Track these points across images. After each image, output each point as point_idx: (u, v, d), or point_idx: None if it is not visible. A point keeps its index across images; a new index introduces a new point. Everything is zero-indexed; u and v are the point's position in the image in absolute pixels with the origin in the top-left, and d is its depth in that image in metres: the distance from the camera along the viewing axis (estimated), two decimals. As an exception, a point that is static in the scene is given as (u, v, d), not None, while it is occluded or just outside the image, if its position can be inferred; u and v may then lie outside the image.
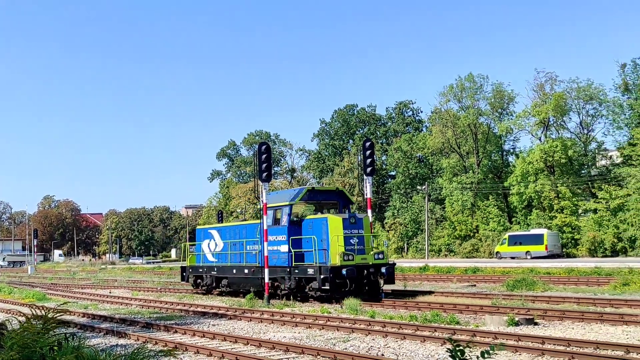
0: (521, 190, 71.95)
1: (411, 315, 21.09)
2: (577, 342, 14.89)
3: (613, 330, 17.26)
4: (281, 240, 27.66)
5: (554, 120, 74.69)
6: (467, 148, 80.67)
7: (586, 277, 35.70)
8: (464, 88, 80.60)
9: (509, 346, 14.64)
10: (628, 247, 64.60)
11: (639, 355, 13.29)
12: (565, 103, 72.94)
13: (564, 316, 19.81)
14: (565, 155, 70.29)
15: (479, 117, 79.65)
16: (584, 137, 75.52)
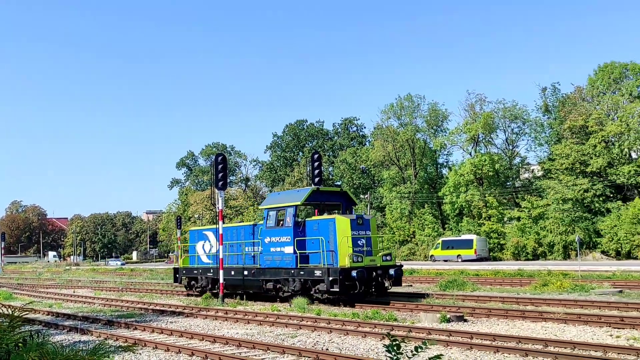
0: (453, 199, 72.96)
1: (353, 313, 21.15)
2: (501, 337, 15.14)
3: (534, 326, 17.59)
4: (285, 242, 25.12)
5: (483, 137, 76.01)
6: (405, 161, 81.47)
7: (510, 279, 36.35)
8: (403, 107, 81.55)
9: (441, 341, 14.82)
10: (547, 251, 66.01)
11: (555, 348, 13.57)
12: (492, 122, 74.32)
13: (491, 313, 20.09)
14: (492, 168, 71.63)
15: (416, 133, 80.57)
16: (509, 152, 77.06)
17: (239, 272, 27.78)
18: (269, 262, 25.74)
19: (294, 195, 26.60)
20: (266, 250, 26.01)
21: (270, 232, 25.77)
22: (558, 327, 17.14)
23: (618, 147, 63.95)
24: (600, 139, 63.66)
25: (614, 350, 12.97)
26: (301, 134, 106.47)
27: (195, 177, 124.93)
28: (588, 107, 66.97)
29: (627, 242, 58.68)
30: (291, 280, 24.74)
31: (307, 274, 24.17)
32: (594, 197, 63.63)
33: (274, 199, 27.57)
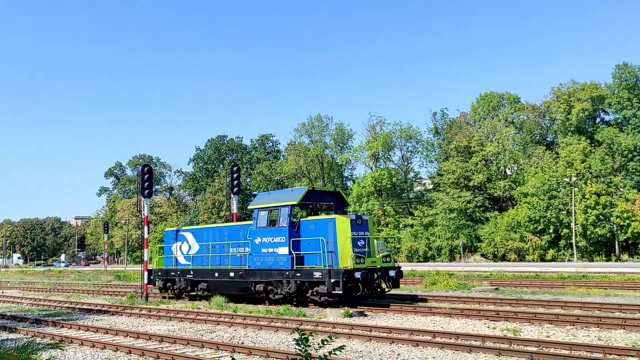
0: (356, 208, 73.94)
1: (267, 310, 21.01)
2: (396, 329, 15.41)
3: (424, 319, 17.98)
4: (278, 242, 21.84)
5: (383, 154, 77.56)
6: (315, 174, 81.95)
7: (404, 279, 37.00)
8: (314, 126, 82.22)
9: (344, 334, 14.92)
10: (436, 254, 67.93)
11: (442, 338, 13.94)
12: (391, 141, 76.06)
13: (387, 309, 20.41)
14: (390, 181, 73.14)
15: (324, 149, 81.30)
16: (405, 168, 79.01)
17: (224, 274, 24.28)
18: (260, 264, 22.54)
19: (288, 195, 23.07)
20: (256, 251, 22.71)
21: (262, 232, 22.57)
22: (444, 320, 17.59)
23: (495, 165, 66.80)
24: (481, 157, 66.27)
25: (490, 340, 13.45)
26: (222, 148, 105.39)
27: (123, 186, 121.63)
28: (471, 130, 69.60)
29: (502, 247, 61.24)
30: (285, 282, 21.66)
31: (304, 275, 21.14)
32: (475, 207, 66.10)
33: (264, 198, 23.99)
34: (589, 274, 35.95)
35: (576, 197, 55.72)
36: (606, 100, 63.20)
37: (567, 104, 63.78)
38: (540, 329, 15.40)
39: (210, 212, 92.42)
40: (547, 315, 16.97)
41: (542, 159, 63.08)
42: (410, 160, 79.45)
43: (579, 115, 62.89)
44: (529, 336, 14.25)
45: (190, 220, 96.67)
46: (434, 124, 76.29)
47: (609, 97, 62.67)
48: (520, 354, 11.70)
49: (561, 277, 33.75)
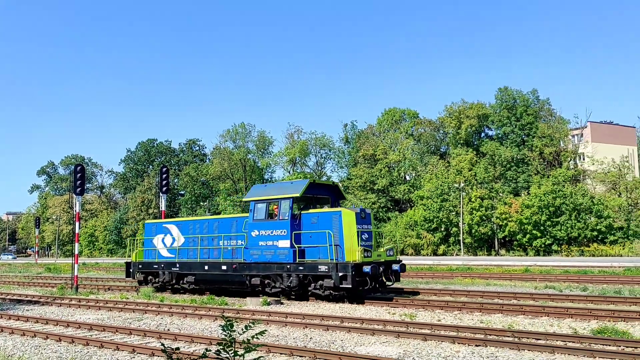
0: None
1: (191, 299, 20.60)
2: (309, 315, 15.49)
3: (334, 307, 18.16)
4: (279, 235, 19.58)
5: (299, 159, 77.88)
6: (238, 175, 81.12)
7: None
8: (238, 132, 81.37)
9: (263, 320, 14.86)
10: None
11: (349, 323, 14.14)
12: (307, 148, 76.51)
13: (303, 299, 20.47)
14: (306, 184, 73.52)
15: (247, 154, 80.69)
16: (319, 172, 79.60)
17: (215, 267, 21.65)
18: (257, 257, 20.19)
19: (288, 187, 20.50)
20: (253, 244, 20.30)
21: (259, 225, 20.14)
22: (351, 307, 17.87)
23: (397, 172, 68.57)
24: (385, 164, 67.84)
25: (390, 324, 13.79)
26: (152, 150, 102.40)
27: (55, 184, 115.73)
28: (376, 140, 71.14)
29: (401, 242, 62.88)
30: (286, 275, 19.48)
31: (307, 269, 18.94)
32: (379, 208, 67.52)
33: (261, 191, 21.25)
34: (473, 267, 37.42)
35: (464, 200, 58.10)
36: (489, 118, 66.27)
37: (458, 120, 66.41)
38: (433, 314, 15.94)
39: (139, 210, 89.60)
40: (438, 302, 17.57)
41: (436, 167, 65.33)
42: (324, 166, 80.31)
43: (467, 130, 65.66)
44: (423, 320, 14.73)
45: (120, 217, 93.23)
46: (345, 134, 77.55)
47: (492, 115, 65.76)
48: (416, 336, 12.07)
49: (450, 270, 34.82)
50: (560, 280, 24.81)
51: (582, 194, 51.29)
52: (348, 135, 77.17)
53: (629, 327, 12.82)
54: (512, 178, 61.65)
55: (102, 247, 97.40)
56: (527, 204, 52.83)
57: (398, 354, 10.62)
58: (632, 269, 29.79)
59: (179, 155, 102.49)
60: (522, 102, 63.60)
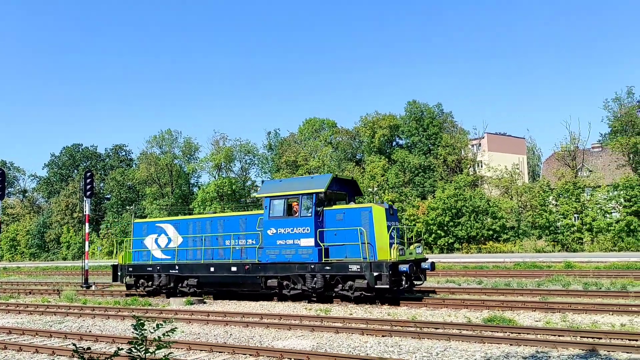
0: (201, 211, 72.44)
1: (115, 301, 19.85)
2: (231, 313, 15.38)
3: (254, 304, 18.12)
4: (300, 233, 17.29)
5: (225, 165, 76.89)
6: (165, 180, 78.85)
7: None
8: (164, 138, 79.26)
9: (185, 319, 14.57)
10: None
11: (268, 320, 14.16)
12: (232, 154, 75.73)
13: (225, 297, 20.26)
14: (230, 189, 72.71)
15: (174, 159, 78.73)
16: (243, 177, 78.97)
17: (222, 268, 19.15)
18: (275, 257, 17.86)
19: (310, 182, 18.13)
20: (270, 243, 17.93)
21: (277, 222, 17.83)
22: (271, 305, 17.89)
23: (316, 177, 69.27)
24: (305, 170, 68.32)
25: (307, 319, 13.95)
26: (77, 155, 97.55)
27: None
28: (298, 148, 71.57)
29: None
30: (309, 276, 17.25)
31: (335, 269, 16.77)
32: (300, 211, 67.76)
33: (276, 186, 18.84)
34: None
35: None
36: (400, 129, 68.42)
37: (372, 130, 68.05)
38: (346, 309, 16.26)
39: (63, 214, 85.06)
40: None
41: (352, 173, 66.61)
42: (248, 171, 79.78)
43: (380, 139, 67.42)
44: (337, 314, 15.00)
45: (43, 221, 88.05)
46: (269, 141, 77.49)
47: (402, 126, 67.93)
48: (329, 329, 12.30)
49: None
50: (460, 275, 25.98)
51: (480, 198, 53.95)
52: (271, 142, 77.20)
53: (514, 316, 13.67)
54: (420, 183, 63.93)
55: (24, 251, 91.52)
56: (433, 207, 54.89)
57: (312, 346, 10.77)
58: (521, 263, 31.72)
59: (105, 160, 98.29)
60: (429, 114, 66.16)
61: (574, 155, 54.67)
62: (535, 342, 10.10)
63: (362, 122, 70.69)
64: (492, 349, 9.91)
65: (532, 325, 12.08)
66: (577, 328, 11.47)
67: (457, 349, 10.04)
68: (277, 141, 76.38)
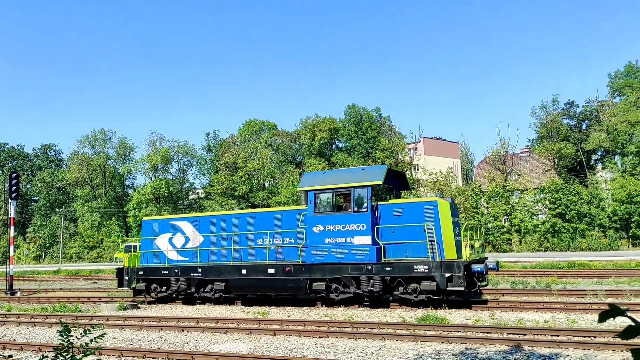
0: (136, 213, 70.50)
1: (42, 308, 18.94)
2: (166, 318, 15.07)
3: (190, 308, 17.77)
4: (354, 231, 15.50)
5: (162, 166, 75.09)
6: (97, 182, 76.01)
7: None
8: (97, 138, 76.45)
9: (117, 325, 14.13)
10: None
11: (205, 324, 13.95)
12: (169, 155, 74.11)
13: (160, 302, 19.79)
14: (168, 190, 71.11)
15: (107, 160, 76.04)
16: (181, 178, 77.36)
17: (257, 271, 17.09)
18: (323, 257, 15.99)
19: (363, 174, 16.18)
20: (316, 241, 16.07)
21: (325, 219, 15.94)
22: (208, 308, 17.65)
23: (256, 179, 68.91)
24: (245, 172, 67.83)
25: (244, 322, 13.86)
26: (1, 154, 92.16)
27: None
28: (237, 149, 70.92)
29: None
30: (365, 278, 15.46)
31: (397, 270, 15.07)
32: (239, 213, 67.14)
33: (322, 178, 16.73)
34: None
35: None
36: (339, 132, 69.22)
37: (312, 133, 68.45)
38: (284, 311, 16.29)
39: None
40: (289, 301, 17.91)
41: (292, 175, 66.72)
42: (186, 173, 78.21)
43: (320, 142, 67.92)
44: (275, 317, 15.00)
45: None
46: (208, 142, 76.31)
47: (342, 129, 68.75)
48: (266, 332, 12.28)
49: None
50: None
51: (416, 200, 55.51)
52: (210, 143, 76.07)
53: (447, 314, 14.16)
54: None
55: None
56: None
57: (248, 349, 10.73)
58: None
59: (32, 161, 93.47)
60: (367, 118, 67.35)
61: (504, 160, 57.14)
62: (464, 340, 10.50)
63: (302, 124, 70.98)
64: (425, 347, 10.23)
65: (462, 323, 12.55)
66: (504, 325, 12.02)
67: (391, 348, 10.28)
68: (216, 143, 75.37)
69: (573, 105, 60.06)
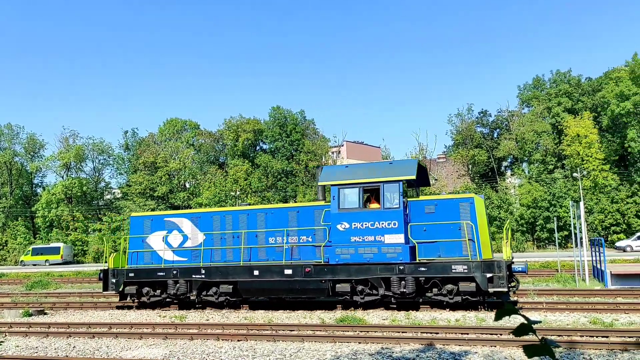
0: (45, 214, 66.42)
1: None
2: (75, 324, 14.33)
3: (103, 313, 17.05)
4: (385, 228, 14.47)
5: (75, 164, 71.39)
6: (3, 179, 70.98)
7: (89, 278, 34.56)
8: (3, 133, 71.41)
9: (21, 332, 13.25)
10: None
11: (118, 329, 13.39)
12: (83, 153, 70.68)
13: (68, 306, 18.80)
14: (81, 190, 67.73)
15: (14, 157, 71.15)
16: (96, 178, 73.96)
17: (272, 272, 15.68)
18: (349, 256, 14.87)
19: (391, 168, 15.26)
20: (341, 240, 14.95)
21: (351, 216, 14.85)
22: (122, 313, 16.96)
23: (177, 179, 67.14)
24: (165, 172, 65.89)
25: (160, 326, 13.42)
26: None
27: None
28: (157, 149, 68.77)
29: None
30: (396, 279, 14.48)
31: (433, 270, 14.26)
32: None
33: (346, 172, 15.53)
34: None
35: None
36: (264, 133, 68.97)
37: (236, 133, 67.71)
38: (202, 314, 15.97)
39: None
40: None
41: (215, 176, 65.62)
42: (102, 171, 74.78)
43: (244, 143, 67.32)
44: (193, 321, 14.68)
45: None
46: (126, 141, 73.32)
47: (266, 131, 68.55)
48: (183, 336, 11.99)
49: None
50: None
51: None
52: (129, 142, 73.19)
53: (364, 315, 14.46)
54: (282, 188, 64.94)
55: None
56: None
57: (164, 354, 10.42)
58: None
59: None
60: (292, 120, 67.59)
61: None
62: (381, 339, 10.78)
63: (226, 125, 70.04)
64: (342, 348, 10.39)
65: (379, 324, 12.88)
66: (418, 324, 12.46)
67: (310, 349, 10.36)
68: (134, 141, 72.63)
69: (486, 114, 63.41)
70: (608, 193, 51.89)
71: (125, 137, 73.40)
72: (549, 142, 55.74)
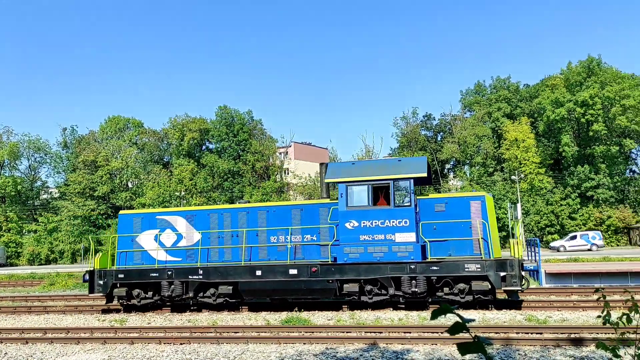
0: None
1: None
2: (7, 329, 13.60)
3: (37, 318, 16.31)
4: (396, 227, 14.10)
5: (9, 162, 68.01)
6: None
7: (23, 281, 32.98)
8: None
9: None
10: (58, 257, 62.33)
11: (54, 334, 12.86)
12: (18, 150, 67.46)
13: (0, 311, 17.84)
14: (15, 189, 64.60)
15: (-59, 153, 67.06)
16: (32, 176, 70.74)
17: (276, 272, 15.08)
18: (358, 255, 14.47)
19: (401, 165, 14.92)
20: (350, 239, 14.53)
21: (360, 214, 14.44)
22: (58, 317, 16.30)
23: (119, 179, 65.11)
24: (106, 171, 63.81)
25: (99, 331, 12.97)
26: None
27: None
28: (98, 147, 66.50)
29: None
30: (407, 279, 14.19)
31: (446, 269, 14.03)
32: (99, 215, 63.10)
33: (353, 169, 15.10)
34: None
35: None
36: (210, 133, 68.02)
37: (181, 133, 66.46)
38: (144, 317, 15.57)
39: None
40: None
41: (158, 176, 64.12)
42: (39, 170, 71.56)
43: (189, 142, 66.18)
44: (134, 324, 14.27)
45: None
46: (64, 138, 70.48)
47: (213, 130, 67.65)
48: (123, 340, 11.64)
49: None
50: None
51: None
52: (67, 139, 70.39)
53: (310, 316, 14.50)
54: (229, 188, 64.20)
55: None
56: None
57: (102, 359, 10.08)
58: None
59: None
60: (239, 120, 66.98)
61: (369, 167, 60.24)
62: (325, 340, 10.84)
63: (170, 123, 68.65)
64: (287, 349, 10.38)
65: (324, 324, 12.95)
66: (362, 324, 12.61)
67: (254, 351, 10.29)
68: (74, 139, 69.93)
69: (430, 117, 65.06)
70: (543, 195, 54.34)
71: (63, 134, 70.68)
72: (489, 146, 57.78)
